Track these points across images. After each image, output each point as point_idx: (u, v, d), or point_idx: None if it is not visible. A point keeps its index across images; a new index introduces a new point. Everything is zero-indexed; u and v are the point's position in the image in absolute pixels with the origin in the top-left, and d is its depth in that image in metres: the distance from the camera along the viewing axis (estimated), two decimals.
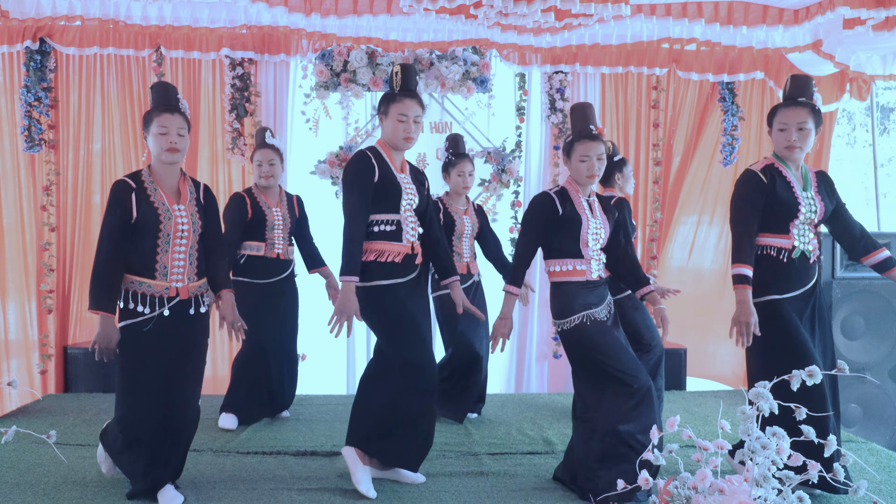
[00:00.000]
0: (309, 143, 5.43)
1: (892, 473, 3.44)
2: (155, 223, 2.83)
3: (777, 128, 3.14)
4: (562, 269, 3.12)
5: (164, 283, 2.85)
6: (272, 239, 4.18)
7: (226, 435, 3.99)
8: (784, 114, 3.11)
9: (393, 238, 3.07)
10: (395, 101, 3.06)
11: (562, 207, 3.08)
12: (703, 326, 5.88)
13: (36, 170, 5.18)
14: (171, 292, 2.86)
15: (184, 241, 2.88)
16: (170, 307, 2.85)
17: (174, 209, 2.87)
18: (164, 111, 2.88)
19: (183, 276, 2.89)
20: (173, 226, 2.85)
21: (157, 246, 2.84)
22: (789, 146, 3.10)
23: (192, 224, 2.91)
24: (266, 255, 4.17)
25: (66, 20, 4.96)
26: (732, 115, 5.63)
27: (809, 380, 2.23)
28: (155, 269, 2.84)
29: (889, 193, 9.53)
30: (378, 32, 5.14)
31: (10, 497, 3.01)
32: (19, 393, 4.87)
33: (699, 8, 4.72)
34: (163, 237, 2.84)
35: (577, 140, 3.10)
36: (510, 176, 5.52)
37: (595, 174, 3.10)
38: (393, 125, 3.06)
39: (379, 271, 3.05)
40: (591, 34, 5.31)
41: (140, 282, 2.83)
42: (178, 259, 2.87)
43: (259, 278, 4.16)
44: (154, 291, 2.84)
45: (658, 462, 2.34)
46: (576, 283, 3.10)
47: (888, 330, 4.44)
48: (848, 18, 4.38)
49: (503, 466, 3.50)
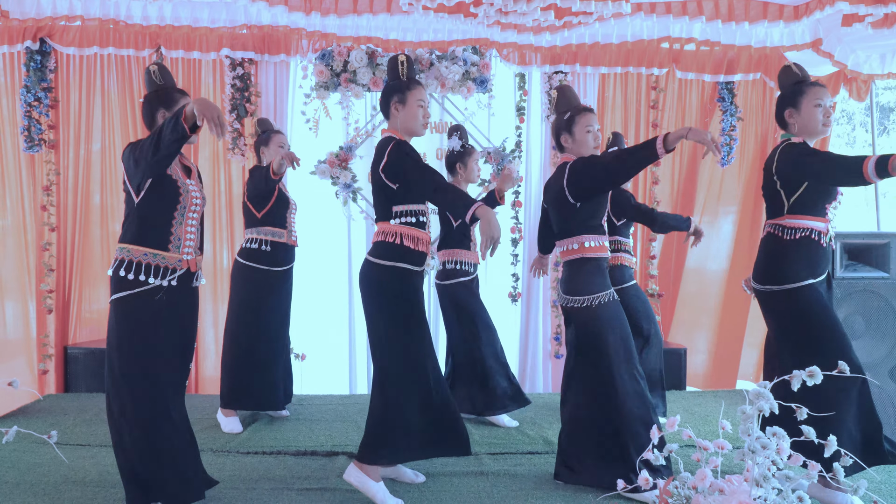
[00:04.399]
0: (309, 143, 5.43)
1: (892, 473, 3.44)
2: (175, 195, 2.84)
3: (813, 104, 3.05)
4: (595, 244, 3.15)
5: (177, 255, 2.85)
6: (291, 225, 4.19)
7: (226, 435, 4.00)
8: (817, 91, 3.05)
9: (422, 227, 3.07)
10: (411, 88, 3.08)
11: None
12: (704, 326, 5.88)
13: (36, 170, 5.18)
14: (182, 265, 2.86)
15: (195, 215, 2.90)
16: (179, 277, 2.85)
17: (188, 183, 2.89)
18: (184, 92, 2.92)
19: (193, 249, 2.90)
20: (189, 199, 2.87)
21: (173, 218, 2.84)
22: (827, 123, 3.06)
23: (202, 198, 2.95)
24: (287, 241, 4.18)
25: (66, 20, 4.96)
26: (731, 116, 5.63)
27: (810, 380, 2.23)
28: (169, 242, 2.84)
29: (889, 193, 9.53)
30: (378, 32, 5.14)
31: (10, 497, 3.01)
32: (18, 392, 4.87)
33: (699, 5, 4.72)
34: (180, 210, 2.85)
35: (578, 113, 3.15)
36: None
37: (598, 146, 3.17)
38: (413, 111, 3.07)
39: (409, 256, 3.03)
40: (591, 33, 5.31)
41: (154, 254, 2.82)
42: (191, 232, 2.89)
43: (271, 266, 4.15)
44: (168, 263, 2.83)
45: (658, 462, 2.34)
46: (604, 259, 3.17)
47: (888, 330, 4.43)
48: (847, 14, 4.38)
49: (503, 466, 3.50)
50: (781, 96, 3.20)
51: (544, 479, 3.32)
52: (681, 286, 5.89)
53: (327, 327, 5.45)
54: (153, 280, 2.79)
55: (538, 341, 5.67)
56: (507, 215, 5.59)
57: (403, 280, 3.02)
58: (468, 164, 4.26)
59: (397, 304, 3.02)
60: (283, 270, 4.21)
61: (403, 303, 3.02)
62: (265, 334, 4.15)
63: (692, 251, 5.83)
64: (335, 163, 5.36)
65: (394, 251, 3.01)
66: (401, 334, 3.01)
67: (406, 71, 3.11)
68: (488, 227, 2.70)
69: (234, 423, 4.12)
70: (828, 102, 3.09)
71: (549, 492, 3.16)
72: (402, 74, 3.11)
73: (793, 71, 3.18)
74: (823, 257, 3.09)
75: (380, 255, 3.02)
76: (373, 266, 3.03)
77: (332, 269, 5.47)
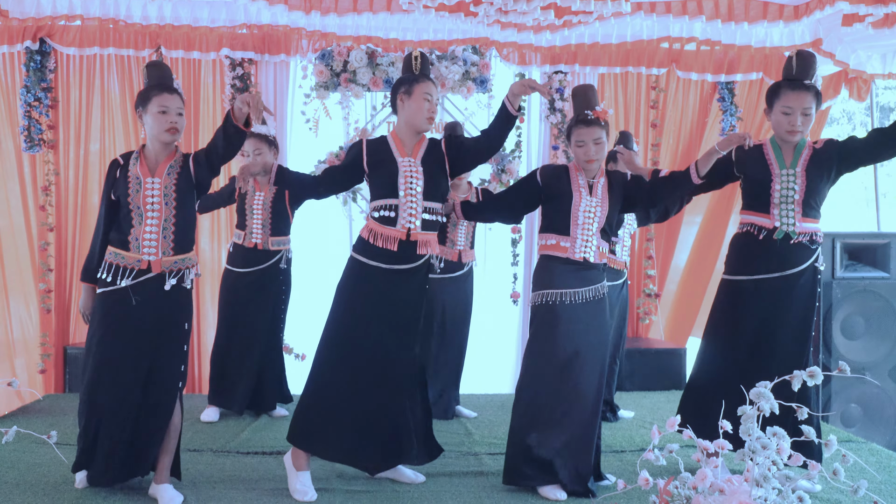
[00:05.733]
0: (309, 143, 5.43)
1: (892, 473, 3.44)
2: (125, 196, 2.88)
3: (781, 110, 3.04)
4: (547, 242, 3.13)
5: (137, 255, 2.85)
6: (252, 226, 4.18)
7: (226, 435, 3.99)
8: (789, 97, 3.02)
9: (388, 223, 3.05)
10: (419, 81, 3.08)
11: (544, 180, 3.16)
12: (700, 326, 5.87)
13: (36, 170, 5.18)
14: (142, 265, 2.85)
15: (155, 214, 2.87)
16: (139, 280, 2.84)
17: (146, 182, 2.87)
18: (163, 90, 2.87)
19: (157, 250, 2.87)
20: (142, 198, 2.85)
21: (131, 219, 2.87)
22: (791, 131, 3.05)
23: (163, 197, 2.88)
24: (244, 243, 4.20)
25: (66, 20, 4.96)
26: (731, 115, 5.63)
27: (811, 380, 2.22)
28: (128, 241, 2.86)
29: (889, 193, 9.53)
30: (378, 31, 5.14)
31: (10, 497, 3.01)
32: (18, 392, 4.87)
33: (699, 5, 4.72)
34: (134, 209, 2.86)
35: (574, 125, 3.12)
36: (510, 176, 5.51)
37: (593, 158, 3.08)
38: (418, 104, 3.07)
39: (366, 250, 3.06)
40: (590, 33, 5.31)
41: (116, 253, 2.87)
42: (150, 232, 2.86)
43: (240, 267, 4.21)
44: (126, 263, 2.85)
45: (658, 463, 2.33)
46: (558, 258, 3.10)
47: (888, 330, 4.43)
48: (847, 14, 4.38)
49: (503, 466, 3.49)
50: (767, 91, 3.19)
51: None
52: (681, 286, 5.89)
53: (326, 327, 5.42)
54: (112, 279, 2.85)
55: None
56: None
57: (359, 274, 3.06)
58: None
59: (349, 297, 3.06)
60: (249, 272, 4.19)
61: (352, 296, 3.06)
62: (238, 335, 4.19)
63: (690, 252, 5.83)
64: (335, 163, 5.35)
65: (359, 244, 3.10)
66: (340, 327, 3.06)
67: (420, 66, 3.12)
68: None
69: (212, 412, 4.23)
70: (803, 110, 3.02)
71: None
72: (416, 69, 3.11)
73: (790, 64, 3.12)
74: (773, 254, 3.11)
75: (354, 247, 3.12)
76: (349, 258, 3.13)
77: (333, 269, 5.45)
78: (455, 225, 4.29)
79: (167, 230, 2.89)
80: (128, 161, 2.93)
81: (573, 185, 3.11)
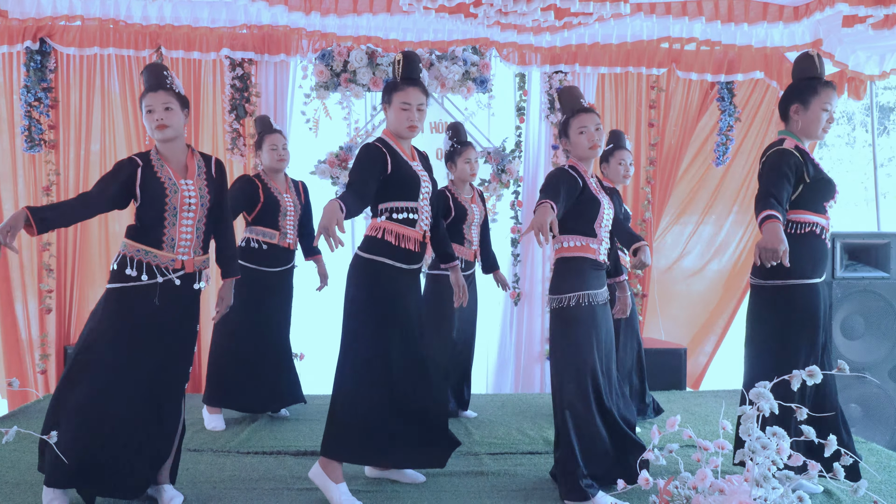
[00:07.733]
0: (309, 143, 5.43)
1: (892, 473, 3.44)
2: (161, 197, 2.84)
3: (822, 106, 2.96)
4: (574, 244, 3.04)
5: (171, 254, 2.86)
6: (285, 227, 4.18)
7: (226, 435, 3.99)
8: (832, 95, 2.96)
9: (410, 224, 3.05)
10: (397, 89, 3.04)
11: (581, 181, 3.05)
12: (704, 326, 5.88)
13: (36, 170, 5.18)
14: (176, 264, 2.87)
15: (191, 215, 2.89)
16: (168, 278, 2.85)
17: (181, 184, 2.88)
18: (148, 91, 2.88)
19: (189, 250, 2.90)
20: (180, 199, 2.86)
21: (164, 219, 2.85)
22: (827, 129, 3.02)
23: (199, 198, 2.92)
24: (279, 243, 4.17)
25: (66, 20, 4.96)
26: (730, 116, 5.63)
27: (810, 380, 2.23)
28: (162, 241, 2.85)
29: (889, 193, 9.54)
30: (378, 32, 5.14)
31: (10, 497, 3.01)
32: (18, 392, 4.87)
33: (699, 5, 4.72)
34: (169, 210, 2.85)
35: (572, 115, 3.10)
36: (510, 176, 5.52)
37: (597, 144, 3.06)
38: (396, 114, 3.04)
39: (390, 251, 3.01)
40: (590, 33, 5.31)
41: (146, 251, 2.84)
42: (186, 232, 2.88)
43: (265, 266, 4.15)
44: (160, 262, 2.84)
45: (658, 462, 2.34)
46: (588, 260, 3.05)
47: (888, 330, 4.44)
48: (847, 15, 4.38)
49: (503, 466, 3.50)
50: (792, 88, 3.04)
51: (544, 479, 3.32)
52: (681, 286, 5.89)
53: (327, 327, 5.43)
54: (145, 277, 2.81)
55: (535, 341, 5.67)
56: (507, 215, 5.59)
57: (380, 275, 3.02)
58: (457, 163, 4.30)
59: (368, 297, 3.01)
60: (274, 272, 4.19)
61: (375, 298, 3.01)
62: (250, 334, 4.14)
63: (692, 250, 5.84)
64: (335, 163, 5.36)
65: (376, 245, 3.02)
66: (364, 329, 3.02)
67: (401, 71, 3.06)
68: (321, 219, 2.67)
69: (218, 420, 4.14)
70: (834, 108, 3.03)
71: (549, 492, 3.15)
72: (397, 74, 3.08)
73: (813, 62, 3.01)
74: (825, 255, 3.06)
75: (364, 248, 3.05)
76: (355, 258, 3.07)
77: (333, 270, 5.46)
78: (469, 226, 4.29)
79: (199, 230, 2.93)
80: (147, 162, 2.88)
81: (592, 188, 3.10)
